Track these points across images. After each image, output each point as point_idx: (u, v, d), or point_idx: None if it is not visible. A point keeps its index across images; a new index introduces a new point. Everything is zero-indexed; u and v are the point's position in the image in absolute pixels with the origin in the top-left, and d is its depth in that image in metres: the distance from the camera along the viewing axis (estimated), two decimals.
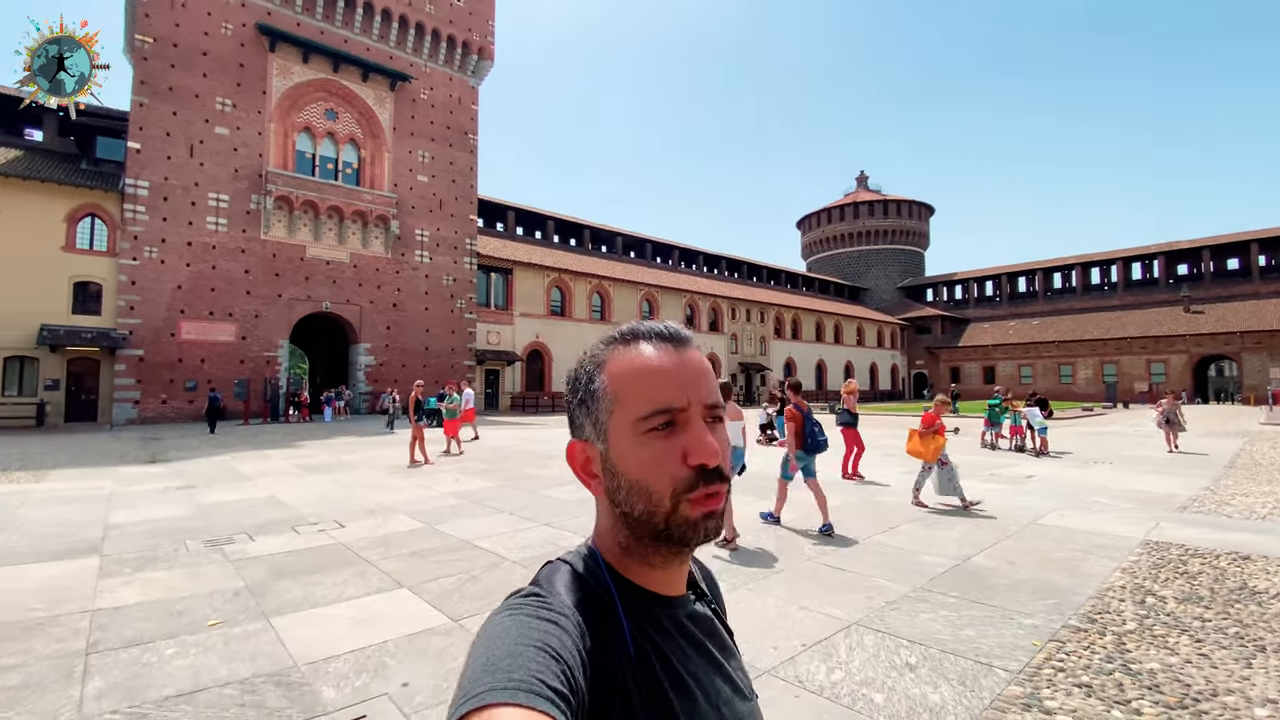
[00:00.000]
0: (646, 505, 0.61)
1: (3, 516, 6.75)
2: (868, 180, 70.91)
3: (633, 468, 0.61)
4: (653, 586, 0.66)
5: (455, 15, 31.07)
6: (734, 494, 7.76)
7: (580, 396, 0.67)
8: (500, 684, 0.47)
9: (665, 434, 0.61)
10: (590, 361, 0.68)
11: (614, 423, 0.63)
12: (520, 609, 0.58)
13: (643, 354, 0.65)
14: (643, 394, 0.62)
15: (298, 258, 26.16)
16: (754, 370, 46.72)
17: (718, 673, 0.67)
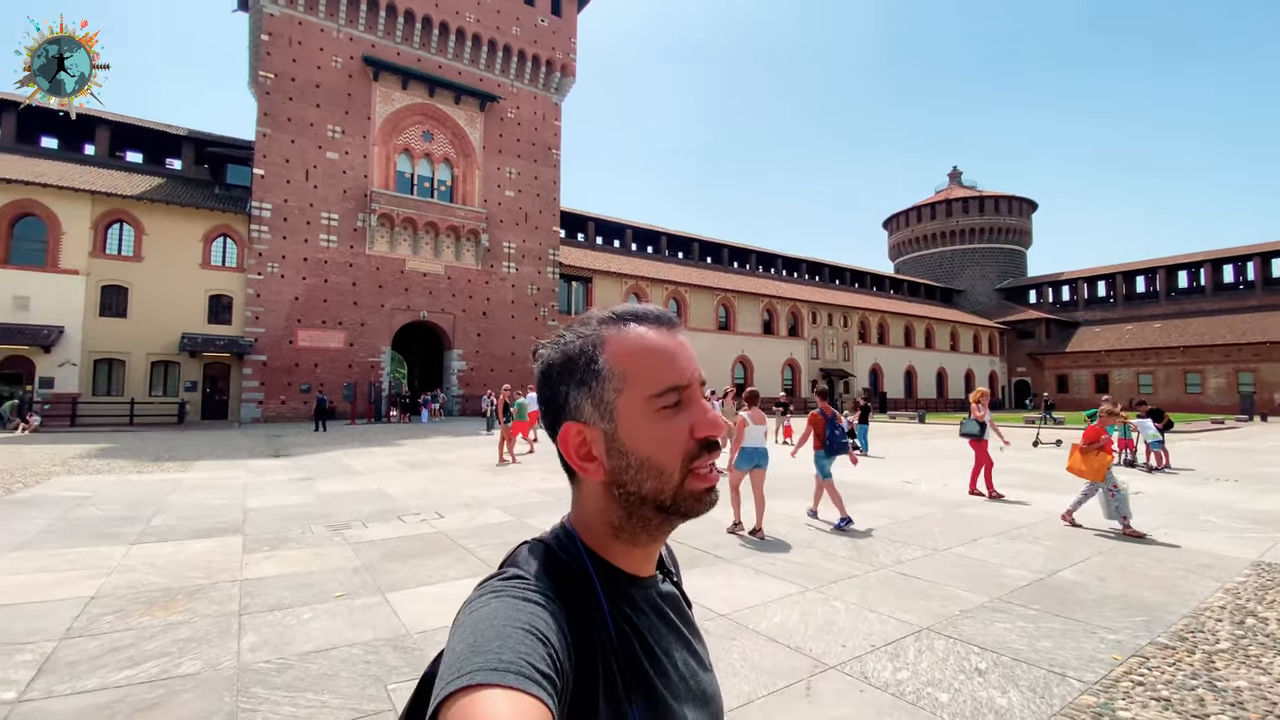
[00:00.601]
0: (656, 481, 0.63)
1: (161, 501, 7.88)
2: (961, 176, 67.11)
3: (644, 445, 0.63)
4: (629, 567, 0.67)
5: (540, 35, 32.49)
6: (786, 498, 7.80)
7: (580, 377, 0.65)
8: (489, 665, 0.47)
9: (674, 411, 0.64)
10: (585, 341, 0.66)
11: (623, 401, 0.63)
12: (505, 591, 0.58)
13: (646, 334, 0.66)
14: (654, 372, 0.64)
15: (398, 270, 28.23)
16: (836, 377, 45.36)
17: (685, 647, 0.70)
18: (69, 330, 22.71)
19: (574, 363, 0.66)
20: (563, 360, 0.67)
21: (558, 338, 0.69)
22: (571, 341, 0.67)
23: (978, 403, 8.86)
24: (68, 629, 3.63)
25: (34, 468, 10.72)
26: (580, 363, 0.65)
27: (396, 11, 28.26)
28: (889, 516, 7.01)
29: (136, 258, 24.05)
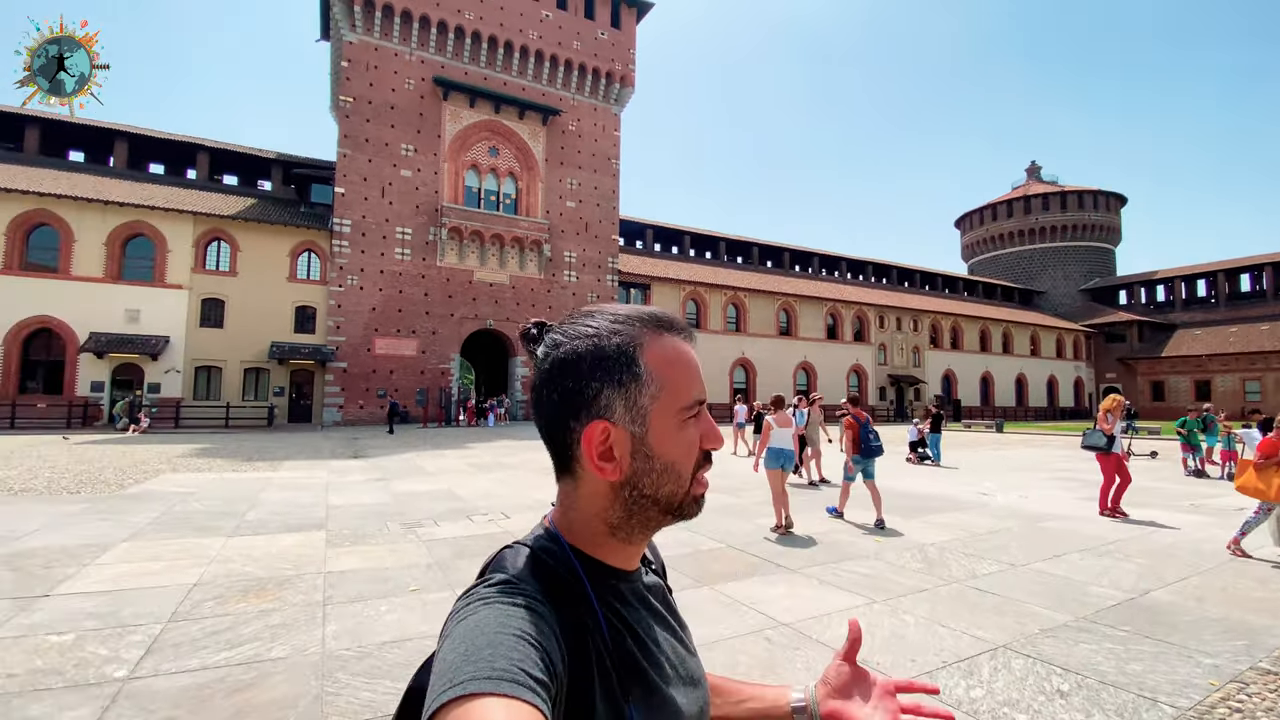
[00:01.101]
0: (674, 485, 0.65)
1: (255, 497, 8.49)
2: (1040, 171, 63.39)
3: (671, 450, 0.65)
4: (617, 563, 0.68)
5: (600, 48, 33.10)
6: (853, 509, 7.57)
7: (618, 377, 0.64)
8: (482, 673, 0.47)
9: (693, 421, 0.67)
10: (624, 340, 0.65)
11: (658, 408, 0.64)
12: (493, 598, 0.58)
13: (679, 345, 0.68)
14: (686, 384, 0.66)
15: (466, 281, 29.34)
16: (906, 383, 43.66)
17: (671, 634, 0.72)
18: (174, 340, 24.84)
19: (610, 360, 0.64)
20: (597, 354, 0.65)
21: (580, 326, 0.67)
22: (605, 336, 0.65)
23: (1109, 412, 8.06)
24: (173, 613, 3.98)
25: (144, 466, 11.77)
26: (620, 362, 0.64)
27: (465, 33, 29.50)
28: (963, 529, 6.69)
29: (232, 273, 26.07)
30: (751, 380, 38.26)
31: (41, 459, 12.35)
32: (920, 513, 7.67)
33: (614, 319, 0.67)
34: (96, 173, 27.57)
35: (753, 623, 3.84)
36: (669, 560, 5.35)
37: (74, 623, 3.76)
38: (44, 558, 5.16)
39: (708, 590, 4.51)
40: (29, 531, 6.05)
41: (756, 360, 38.35)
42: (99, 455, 13.23)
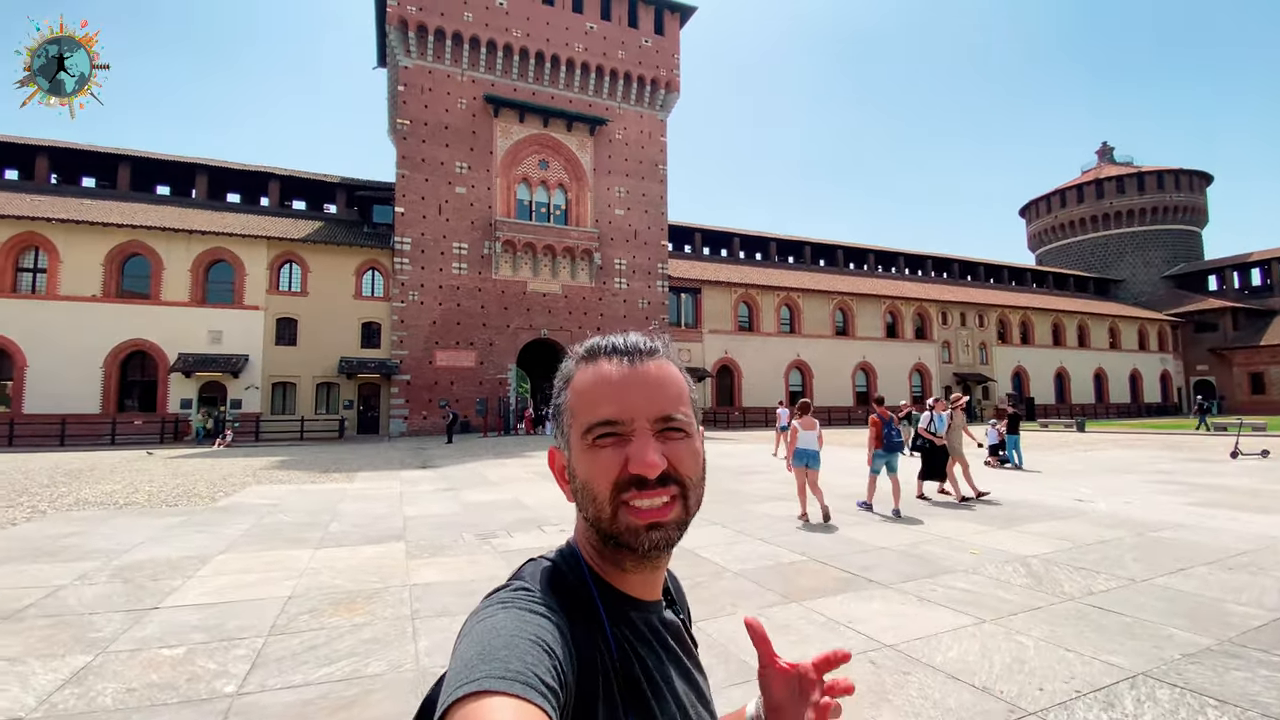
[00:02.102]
0: (594, 508, 0.65)
1: (334, 508, 8.78)
2: (1113, 152, 59.66)
3: (582, 471, 0.66)
4: (629, 590, 0.68)
5: (644, 56, 33.22)
6: (942, 519, 7.16)
7: (555, 407, 0.73)
8: (496, 673, 0.48)
9: (611, 443, 0.65)
10: (561, 377, 0.72)
11: (573, 432, 0.68)
12: (512, 603, 0.60)
13: (598, 371, 0.68)
14: (590, 408, 0.67)
15: (521, 292, 29.89)
16: (973, 381, 41.71)
17: (684, 677, 0.70)
18: (252, 358, 26.28)
19: (555, 393, 0.73)
20: (556, 388, 0.73)
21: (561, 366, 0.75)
22: (562, 372, 0.72)
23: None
24: (272, 626, 4.08)
25: (231, 479, 12.41)
26: (556, 396, 0.73)
27: (513, 50, 30.16)
28: (1066, 540, 6.21)
29: (303, 293, 27.41)
30: (808, 382, 37.40)
31: (140, 473, 13.20)
32: (1013, 522, 7.19)
33: (571, 354, 0.73)
34: (181, 204, 29.55)
35: (853, 644, 3.62)
36: (751, 571, 5.18)
37: (182, 635, 3.90)
38: (151, 570, 5.43)
39: (798, 607, 4.30)
40: (136, 544, 6.41)
41: (812, 362, 37.47)
42: (191, 469, 14.05)
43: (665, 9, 33.88)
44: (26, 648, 3.74)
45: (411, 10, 28.17)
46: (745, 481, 11.01)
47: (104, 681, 3.28)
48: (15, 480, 11.84)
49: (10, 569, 5.50)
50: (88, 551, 6.12)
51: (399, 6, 28.01)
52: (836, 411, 36.86)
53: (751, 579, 5.00)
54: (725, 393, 35.53)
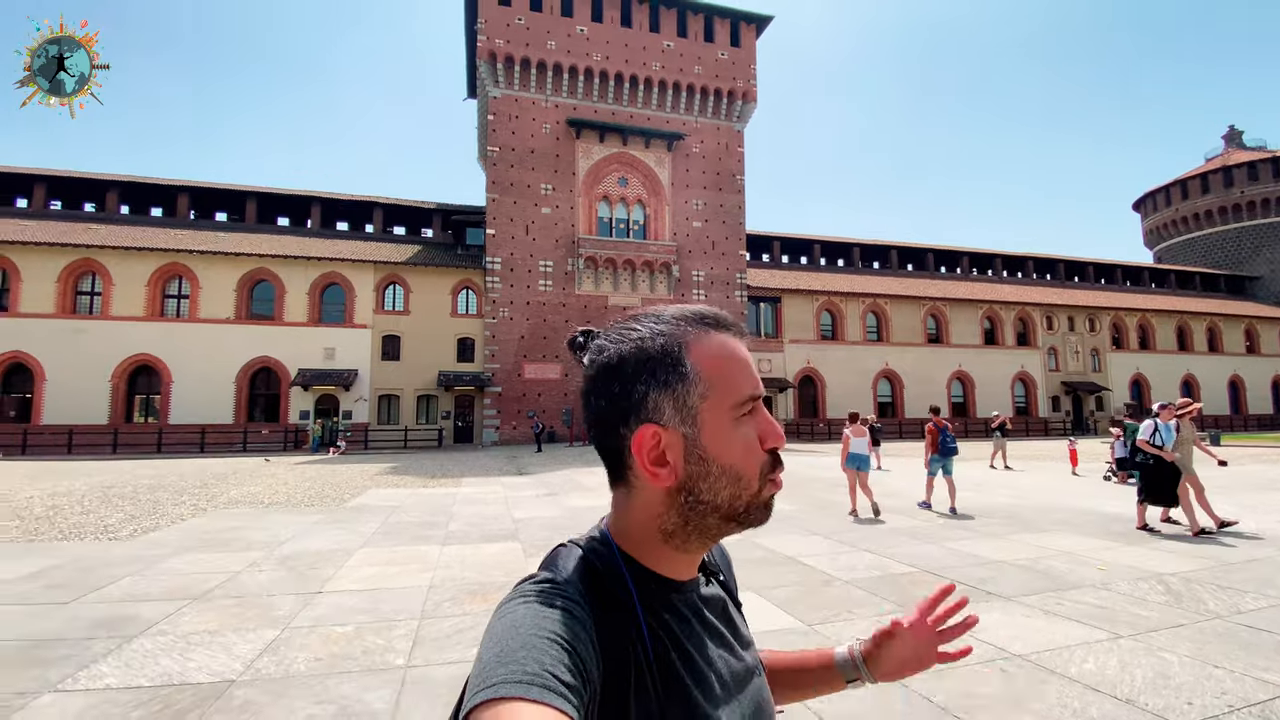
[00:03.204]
0: (735, 489, 0.62)
1: (450, 510, 9.45)
2: (1242, 136, 53.74)
3: (727, 453, 0.62)
4: (671, 573, 0.66)
5: (720, 69, 33.48)
6: (1059, 533, 6.76)
7: (664, 377, 0.62)
8: (514, 677, 0.47)
9: (748, 419, 0.63)
10: (669, 340, 0.64)
11: (708, 407, 0.62)
12: (534, 596, 0.58)
13: (727, 342, 0.65)
14: (737, 380, 0.63)
15: (602, 306, 30.72)
16: (1084, 391, 38.55)
17: (730, 652, 0.68)
18: (361, 373, 28.49)
19: (654, 361, 0.62)
20: (640, 357, 0.63)
21: (625, 330, 0.66)
22: (649, 338, 0.64)
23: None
24: (421, 611, 4.55)
25: (352, 483, 13.56)
26: (665, 362, 0.62)
27: (594, 74, 31.28)
28: (1209, 558, 5.77)
29: (405, 312, 29.48)
30: (898, 393, 35.91)
31: (273, 477, 14.67)
32: (1145, 538, 6.74)
33: (658, 320, 0.66)
34: (299, 233, 32.57)
35: (980, 653, 3.60)
36: (861, 580, 5.19)
37: (349, 616, 4.44)
38: (307, 560, 6.14)
39: None
40: (289, 537, 7.23)
41: (903, 371, 35.96)
42: (315, 474, 15.46)
43: (741, 21, 34.04)
44: (221, 622, 4.37)
45: (500, 44, 29.87)
46: (840, 493, 10.83)
47: (293, 651, 3.81)
48: (174, 482, 13.48)
49: (191, 557, 6.36)
50: (251, 543, 6.97)
51: (489, 41, 29.78)
52: None
53: (862, 587, 5.02)
54: (808, 404, 34.76)
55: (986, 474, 14.26)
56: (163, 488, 12.37)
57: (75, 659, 3.66)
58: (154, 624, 4.29)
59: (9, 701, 3.05)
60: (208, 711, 2.98)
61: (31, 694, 3.15)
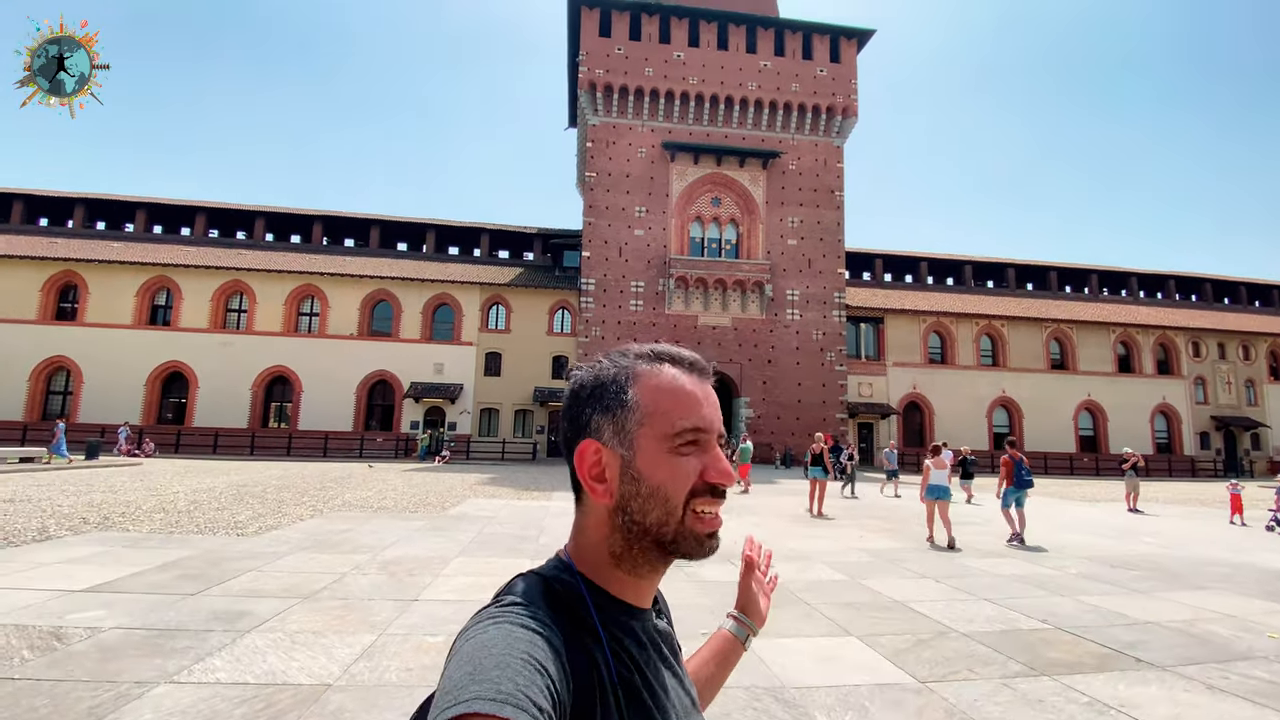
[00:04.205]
0: (662, 512, 0.64)
1: (540, 523, 9.62)
2: None
3: (656, 475, 0.64)
4: (627, 598, 0.67)
5: (819, 86, 32.78)
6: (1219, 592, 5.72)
7: (607, 403, 0.68)
8: (486, 694, 0.47)
9: (690, 450, 0.66)
10: (619, 371, 0.69)
11: (645, 434, 0.66)
12: (503, 618, 0.59)
13: (676, 376, 0.68)
14: (678, 412, 0.66)
15: (691, 326, 30.64)
16: (1238, 427, 33.52)
17: (680, 684, 0.70)
18: (466, 387, 30.10)
19: (604, 389, 0.68)
20: (594, 384, 0.70)
21: (595, 363, 0.73)
22: (606, 369, 0.70)
23: None
24: None
25: (453, 491, 14.19)
26: (611, 390, 0.68)
27: (689, 98, 31.64)
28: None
29: (506, 330, 30.93)
30: (1016, 422, 32.88)
31: (384, 483, 15.67)
32: None
33: (622, 354, 0.72)
34: (414, 258, 35.17)
35: None
36: (981, 634, 4.66)
37: (440, 626, 4.54)
38: (408, 565, 6.40)
39: (1050, 681, 3.76)
40: (392, 542, 7.61)
41: (1022, 399, 32.93)
42: (421, 481, 16.36)
43: (841, 36, 33.25)
44: (325, 624, 4.59)
45: (600, 74, 30.98)
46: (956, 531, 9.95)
47: (386, 660, 3.92)
48: (297, 484, 14.71)
49: (305, 556, 6.82)
50: (358, 546, 7.39)
51: (589, 72, 30.97)
52: (1055, 458, 31.69)
53: (983, 642, 4.49)
54: (913, 432, 32.61)
55: (1125, 518, 12.61)
56: (288, 488, 13.53)
57: (194, 650, 3.94)
58: (265, 620, 4.59)
59: (129, 691, 3.31)
60: (305, 714, 3.10)
61: (149, 684, 3.39)
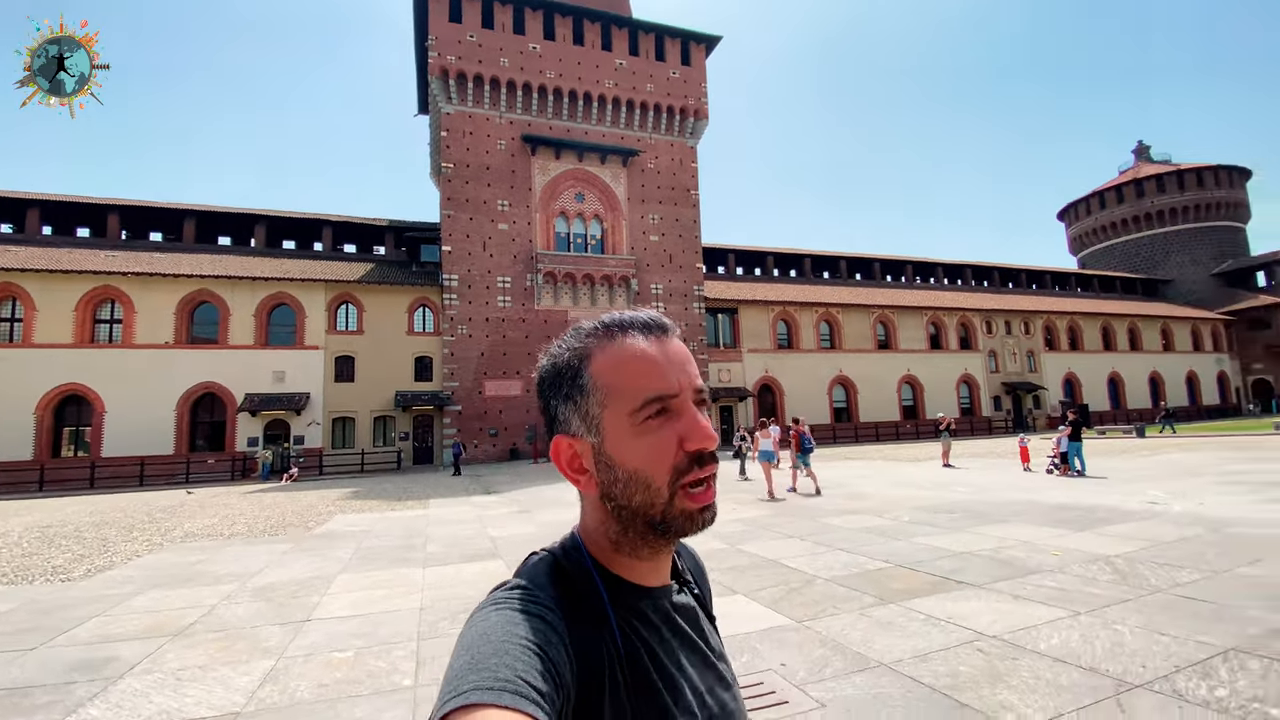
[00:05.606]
0: (645, 496, 0.62)
1: (424, 532, 9.33)
2: (1149, 151, 58.36)
3: (631, 458, 0.62)
4: (637, 579, 0.66)
5: (672, 87, 34.27)
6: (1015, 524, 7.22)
7: (566, 391, 0.65)
8: (485, 683, 0.47)
9: (660, 421, 0.62)
10: (572, 355, 0.66)
11: (609, 415, 0.63)
12: (505, 603, 0.58)
13: (629, 345, 0.64)
14: (635, 384, 0.63)
15: (562, 321, 30.71)
16: (1022, 391, 40.75)
17: (702, 661, 0.68)
18: (313, 396, 27.57)
19: (561, 377, 0.66)
20: (553, 374, 0.67)
21: (552, 348, 0.70)
22: (560, 355, 0.67)
23: None
24: (419, 632, 4.56)
25: (314, 509, 13.16)
26: (566, 376, 0.65)
27: (548, 91, 31.52)
28: (1146, 539, 6.32)
29: (359, 331, 28.75)
30: (852, 398, 37.11)
31: (228, 507, 14.08)
32: (1090, 525, 7.29)
33: (575, 334, 0.68)
34: (242, 253, 31.40)
35: (958, 636, 3.90)
36: (841, 578, 5.46)
37: (345, 642, 4.41)
38: (287, 589, 6.00)
39: (896, 607, 4.59)
40: (260, 568, 7.03)
41: (856, 377, 37.22)
42: (272, 502, 14.90)
43: (691, 41, 34.98)
44: (210, 658, 4.28)
45: (451, 60, 29.79)
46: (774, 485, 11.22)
47: (294, 680, 3.79)
48: (118, 519, 12.79)
49: (158, 594, 6.13)
50: (220, 576, 6.75)
51: (440, 58, 29.65)
52: (884, 426, 36.41)
53: (842, 584, 5.29)
54: (767, 411, 35.49)
55: (941, 473, 14.97)
56: (108, 524, 11.73)
57: (61, 704, 3.54)
58: (136, 663, 4.17)
59: None
60: None
61: None
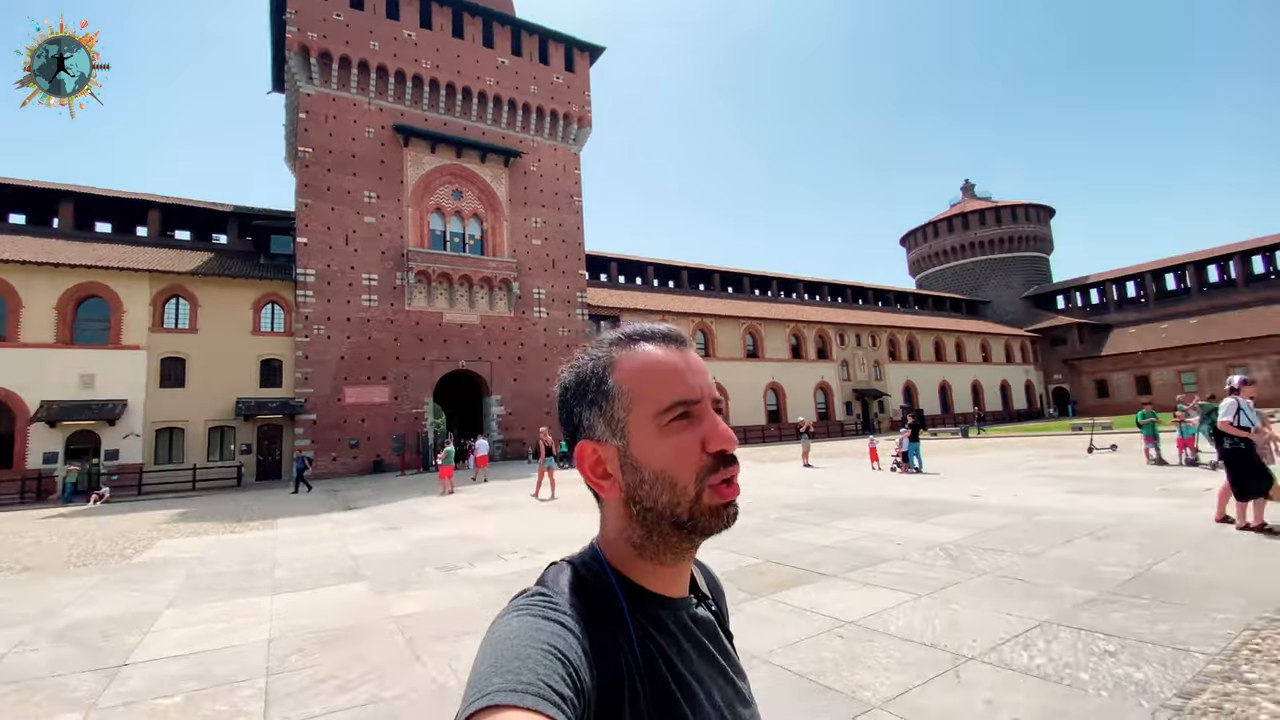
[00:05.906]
0: (671, 495, 0.63)
1: (272, 555, 8.38)
2: (974, 188, 67.71)
3: (656, 459, 0.64)
4: (657, 588, 0.67)
5: (556, 92, 34.09)
6: (870, 518, 8.01)
7: (591, 398, 0.68)
8: (508, 686, 0.48)
9: (683, 424, 0.65)
10: (596, 363, 0.69)
11: (634, 419, 0.65)
12: (527, 609, 0.59)
13: (652, 353, 0.68)
14: (660, 389, 0.65)
15: (436, 323, 29.25)
16: (869, 397, 45.15)
17: (720, 675, 0.68)
18: (132, 403, 23.82)
19: (586, 384, 0.69)
20: (577, 383, 0.70)
21: (576, 359, 0.73)
22: (584, 364, 0.70)
23: None
24: (266, 668, 4.06)
25: (132, 534, 11.35)
26: (591, 384, 0.68)
27: (423, 81, 30.00)
28: (973, 527, 7.22)
29: (192, 329, 25.31)
30: (725, 405, 38.94)
31: (17, 535, 11.74)
32: (926, 515, 8.20)
33: (597, 345, 0.72)
34: (41, 234, 26.56)
35: (820, 624, 4.19)
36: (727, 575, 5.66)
37: (173, 685, 3.82)
38: (97, 629, 5.10)
39: (766, 600, 4.84)
40: (64, 606, 5.91)
41: (727, 383, 39.10)
42: (78, 529, 12.65)
43: (575, 47, 35.06)
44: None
45: (313, 37, 27.41)
46: None
47: None
48: None
49: None
50: (9, 618, 5.60)
51: (299, 33, 27.17)
52: (751, 430, 38.59)
53: (730, 579, 5.48)
54: None
55: (802, 472, 16.12)
56: None
57: None
58: None
59: None
60: None
61: None
